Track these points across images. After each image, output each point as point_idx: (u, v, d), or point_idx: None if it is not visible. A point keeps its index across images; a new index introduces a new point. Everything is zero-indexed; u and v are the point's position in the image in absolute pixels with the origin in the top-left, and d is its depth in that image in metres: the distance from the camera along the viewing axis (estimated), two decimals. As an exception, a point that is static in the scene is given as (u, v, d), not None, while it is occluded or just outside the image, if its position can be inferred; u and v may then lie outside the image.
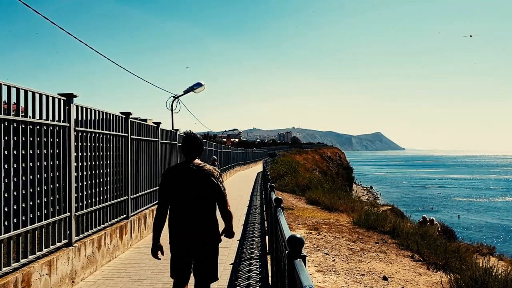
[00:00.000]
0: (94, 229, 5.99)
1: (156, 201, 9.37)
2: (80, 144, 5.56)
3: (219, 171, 3.54)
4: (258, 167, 43.10)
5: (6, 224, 3.96)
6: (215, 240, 3.42)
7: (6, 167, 3.99)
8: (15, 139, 4.13)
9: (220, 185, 3.43)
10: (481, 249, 16.13)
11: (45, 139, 4.67)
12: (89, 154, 5.85)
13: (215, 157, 19.50)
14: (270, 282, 5.01)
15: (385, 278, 6.76)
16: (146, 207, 8.71)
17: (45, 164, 4.67)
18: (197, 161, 3.49)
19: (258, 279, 5.11)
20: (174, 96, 18.10)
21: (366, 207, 16.66)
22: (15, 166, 4.12)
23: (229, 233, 3.57)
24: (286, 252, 2.24)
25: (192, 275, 3.46)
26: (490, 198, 65.45)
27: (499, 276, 6.45)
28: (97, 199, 6.13)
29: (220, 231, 3.50)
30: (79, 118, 5.55)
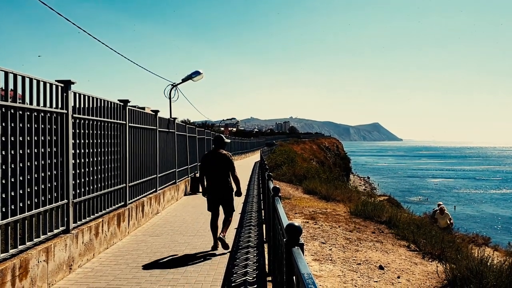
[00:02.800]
0: (92, 216, 6.00)
1: (154, 189, 9.65)
2: (77, 131, 5.54)
3: (231, 154, 6.55)
4: (255, 156, 43.13)
5: (4, 210, 3.96)
6: (230, 190, 6.41)
7: (4, 153, 3.98)
8: (12, 125, 4.11)
9: (232, 161, 6.42)
10: (476, 239, 16.22)
11: (42, 126, 4.65)
12: (86, 141, 5.83)
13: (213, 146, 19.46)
14: (267, 270, 5.04)
15: (381, 267, 6.81)
16: (144, 194, 8.73)
17: (42, 151, 4.65)
18: (221, 150, 6.45)
19: (255, 267, 5.14)
20: (172, 84, 18.00)
21: (363, 197, 16.69)
22: (12, 153, 4.11)
23: (238, 192, 6.47)
24: (284, 240, 2.25)
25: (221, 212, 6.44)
26: (487, 189, 65.79)
27: (494, 266, 6.50)
28: (95, 186, 6.13)
29: (234, 192, 6.44)
30: (77, 105, 5.53)
